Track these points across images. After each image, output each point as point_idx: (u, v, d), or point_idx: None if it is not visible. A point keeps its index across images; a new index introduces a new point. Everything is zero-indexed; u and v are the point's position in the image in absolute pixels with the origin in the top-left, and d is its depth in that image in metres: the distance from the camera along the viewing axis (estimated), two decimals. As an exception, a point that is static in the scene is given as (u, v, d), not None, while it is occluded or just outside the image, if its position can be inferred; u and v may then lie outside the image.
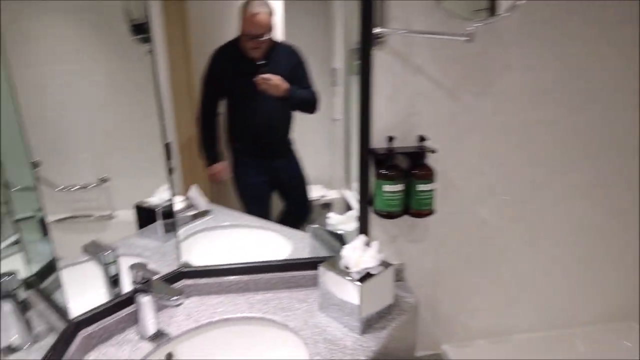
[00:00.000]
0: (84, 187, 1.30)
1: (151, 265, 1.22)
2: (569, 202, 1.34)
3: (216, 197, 1.43)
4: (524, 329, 1.43)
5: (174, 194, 1.26)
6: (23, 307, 0.89)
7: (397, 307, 1.15)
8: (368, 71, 1.10)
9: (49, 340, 0.90)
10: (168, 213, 1.24)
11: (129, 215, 1.34)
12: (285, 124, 1.31)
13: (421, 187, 1.16)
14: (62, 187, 1.28)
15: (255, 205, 1.40)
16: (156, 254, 1.27)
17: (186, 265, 1.24)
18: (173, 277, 1.17)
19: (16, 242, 0.98)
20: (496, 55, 1.15)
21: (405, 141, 1.19)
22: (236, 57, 1.23)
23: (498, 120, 1.22)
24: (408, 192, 1.18)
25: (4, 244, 1.06)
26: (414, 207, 1.18)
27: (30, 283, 0.98)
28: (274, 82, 1.21)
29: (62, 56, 1.16)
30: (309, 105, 1.26)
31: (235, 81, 1.26)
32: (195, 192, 1.40)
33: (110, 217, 1.37)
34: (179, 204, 1.30)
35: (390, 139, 1.15)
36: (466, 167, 1.25)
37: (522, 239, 1.35)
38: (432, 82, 1.15)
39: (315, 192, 1.41)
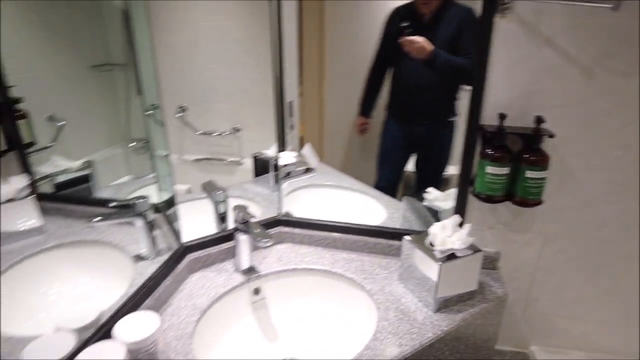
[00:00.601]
0: (220, 134, 1.50)
1: (258, 210, 1.38)
2: None
3: (328, 157, 1.51)
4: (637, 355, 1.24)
5: (284, 149, 1.36)
6: (151, 226, 1.09)
7: (481, 295, 1.10)
8: (487, 40, 1.01)
9: (167, 256, 1.10)
10: (278, 166, 1.35)
11: (252, 165, 1.51)
12: (439, 90, 1.28)
13: (531, 173, 1.05)
14: (202, 132, 1.49)
15: (387, 167, 1.42)
16: (265, 200, 1.41)
17: (287, 214, 1.35)
18: (271, 223, 1.30)
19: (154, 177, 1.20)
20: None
21: (520, 121, 1.07)
22: (408, 14, 1.23)
23: (647, 108, 1.02)
24: (515, 177, 1.08)
25: (145, 177, 1.30)
26: (519, 194, 1.08)
27: (158, 208, 1.19)
28: (418, 44, 1.18)
29: (209, 15, 1.32)
30: (461, 75, 1.19)
31: (395, 45, 1.24)
32: (308, 150, 1.49)
33: (238, 163, 1.55)
34: (291, 159, 1.40)
35: (502, 116, 1.05)
36: (592, 159, 1.08)
37: (656, 251, 1.14)
38: (564, 56, 1.00)
39: None
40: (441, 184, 1.32)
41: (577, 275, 1.20)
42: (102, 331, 0.85)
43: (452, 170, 1.35)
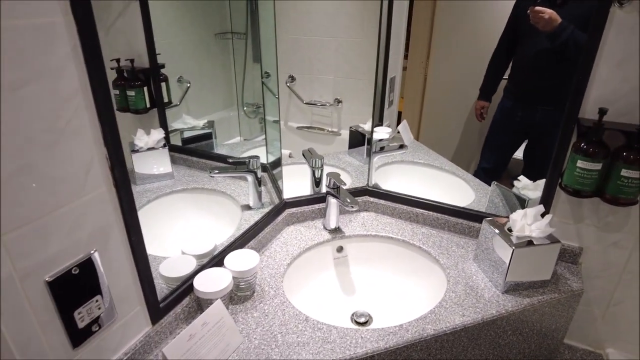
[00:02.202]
0: (323, 105, 1.65)
1: (348, 178, 1.51)
2: None
3: (424, 135, 1.56)
4: None
5: (381, 124, 1.45)
6: (259, 182, 1.30)
7: (554, 286, 1.12)
8: (600, 29, 0.99)
9: (269, 209, 1.30)
10: (372, 140, 1.45)
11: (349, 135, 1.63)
12: (563, 74, 1.20)
13: (627, 172, 1.02)
14: (307, 101, 1.65)
15: (494, 150, 1.40)
16: (356, 170, 1.54)
17: (375, 186, 1.47)
18: (359, 192, 1.43)
19: (264, 140, 1.38)
20: None
21: (625, 117, 1.03)
22: None
23: None
24: (608, 174, 1.05)
25: (255, 139, 1.50)
26: (611, 191, 1.05)
27: (266, 167, 1.38)
28: (548, 15, 1.14)
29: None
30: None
31: (526, 17, 1.21)
32: (404, 127, 1.57)
33: (337, 133, 1.70)
34: (385, 134, 1.49)
35: (602, 111, 1.02)
36: None
37: None
38: (686, 52, 0.94)
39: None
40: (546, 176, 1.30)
41: (670, 284, 1.15)
42: (216, 260, 1.07)
43: None
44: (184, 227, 1.24)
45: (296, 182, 1.41)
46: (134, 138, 1.07)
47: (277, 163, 1.36)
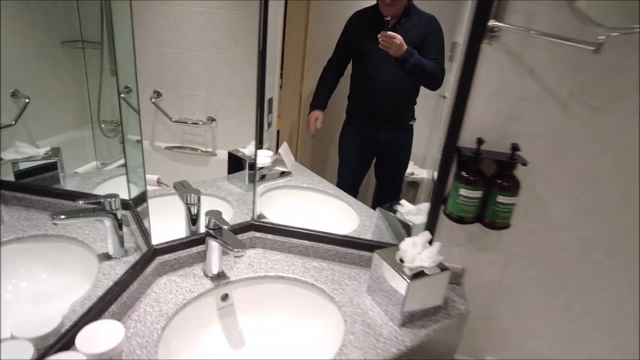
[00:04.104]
0: (195, 123, 1.46)
1: (230, 210, 1.35)
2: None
3: (303, 154, 1.49)
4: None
5: (261, 146, 1.33)
6: (120, 225, 1.06)
7: (445, 311, 1.14)
8: (473, 65, 1.02)
9: (135, 257, 1.07)
10: (254, 165, 1.33)
11: (226, 156, 1.47)
12: (404, 94, 1.29)
13: (502, 199, 1.08)
14: (177, 119, 1.44)
15: (349, 173, 1.43)
16: (238, 200, 1.39)
17: (261, 216, 1.34)
18: (244, 228, 1.29)
19: (124, 166, 1.15)
20: (630, 69, 0.98)
21: (497, 146, 1.10)
22: (371, 18, 1.23)
23: (615, 143, 1.06)
24: (486, 201, 1.11)
25: (114, 165, 1.25)
26: (489, 217, 1.11)
27: (128, 204, 1.15)
28: (397, 41, 1.17)
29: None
30: (430, 77, 1.22)
31: (363, 41, 1.26)
32: (285, 150, 1.47)
33: (212, 154, 1.52)
34: (267, 159, 1.38)
35: (480, 141, 1.08)
36: (561, 188, 1.12)
37: (607, 277, 1.20)
38: (545, 88, 1.03)
39: (407, 169, 1.38)
40: (401, 190, 1.37)
41: (535, 294, 1.26)
42: (64, 341, 0.82)
43: (423, 173, 1.37)
44: (16, 290, 0.95)
45: (167, 218, 1.20)
46: None
47: (142, 198, 1.14)
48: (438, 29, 1.18)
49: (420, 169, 1.39)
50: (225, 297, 1.14)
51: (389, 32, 1.17)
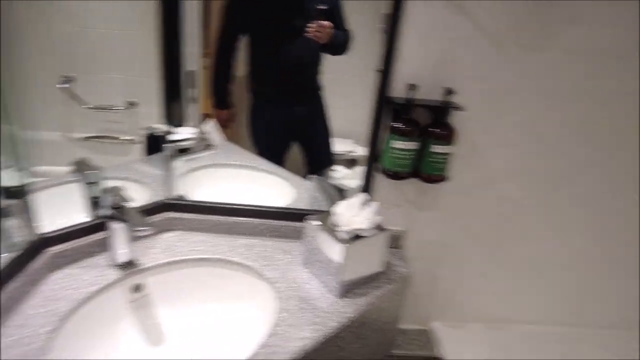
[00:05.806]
0: (113, 109, 1.26)
1: (146, 193, 1.18)
2: (614, 191, 1.15)
3: (233, 135, 1.34)
4: (526, 321, 1.30)
5: (181, 124, 1.18)
6: (2, 214, 0.86)
7: (386, 276, 1.05)
8: (399, 6, 0.93)
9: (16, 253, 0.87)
10: (173, 142, 1.17)
11: (149, 144, 1.29)
12: (313, 67, 1.18)
13: (436, 148, 1.01)
14: (92, 106, 1.23)
15: (270, 158, 1.30)
16: (156, 181, 1.22)
17: (180, 197, 1.18)
18: (156, 208, 1.12)
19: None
20: (562, 4, 0.94)
21: (432, 93, 1.02)
22: None
23: (549, 84, 1.02)
24: (422, 153, 1.03)
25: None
26: (425, 170, 1.04)
27: (14, 193, 0.95)
28: (330, 29, 1.07)
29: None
30: (343, 48, 1.12)
31: (265, 15, 1.13)
32: (211, 127, 1.31)
33: (134, 141, 1.32)
34: (188, 134, 1.22)
35: (412, 87, 0.99)
36: (498, 134, 1.07)
37: (546, 225, 1.18)
38: (476, 25, 0.96)
39: (344, 147, 1.29)
40: (332, 156, 1.27)
41: (478, 251, 1.22)
42: None
43: (361, 150, 1.29)
44: None
45: (73, 207, 1.02)
46: None
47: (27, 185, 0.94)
48: None
49: (359, 147, 1.30)
50: (138, 288, 0.98)
51: (324, 22, 1.06)
